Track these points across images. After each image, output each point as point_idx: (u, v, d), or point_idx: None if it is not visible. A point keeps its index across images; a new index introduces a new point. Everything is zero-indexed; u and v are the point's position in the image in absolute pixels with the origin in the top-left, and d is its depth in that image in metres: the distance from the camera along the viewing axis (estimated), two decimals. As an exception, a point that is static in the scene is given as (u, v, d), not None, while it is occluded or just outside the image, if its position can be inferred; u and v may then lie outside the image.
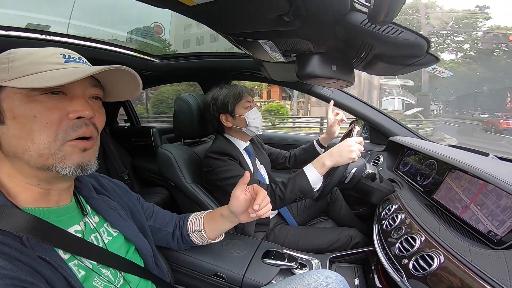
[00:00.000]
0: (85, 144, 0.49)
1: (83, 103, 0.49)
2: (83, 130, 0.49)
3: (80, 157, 0.49)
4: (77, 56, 0.52)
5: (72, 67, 0.49)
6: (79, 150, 0.49)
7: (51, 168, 0.46)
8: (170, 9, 0.65)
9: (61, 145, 0.47)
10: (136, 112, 2.59)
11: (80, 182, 0.62)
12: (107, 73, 0.50)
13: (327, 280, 0.73)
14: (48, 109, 0.46)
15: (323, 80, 0.91)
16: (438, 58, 0.73)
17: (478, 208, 0.75)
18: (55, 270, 0.43)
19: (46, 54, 0.48)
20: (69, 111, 0.47)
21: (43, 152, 0.46)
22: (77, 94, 0.49)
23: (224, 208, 0.81)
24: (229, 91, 1.19)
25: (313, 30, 0.70)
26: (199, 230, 0.83)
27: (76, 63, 0.50)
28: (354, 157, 0.98)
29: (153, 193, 2.06)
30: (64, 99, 0.48)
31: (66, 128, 0.47)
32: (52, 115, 0.46)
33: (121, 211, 0.66)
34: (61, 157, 0.47)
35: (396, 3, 0.45)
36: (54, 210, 0.52)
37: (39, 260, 0.42)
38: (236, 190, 0.75)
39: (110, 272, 0.55)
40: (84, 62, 0.52)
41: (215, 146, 1.19)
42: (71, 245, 0.49)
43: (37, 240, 0.44)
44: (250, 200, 0.74)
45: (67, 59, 0.49)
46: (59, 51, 0.50)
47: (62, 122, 0.47)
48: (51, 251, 0.46)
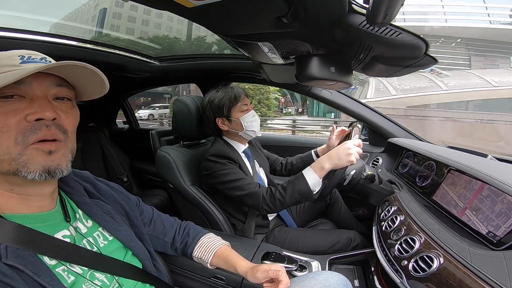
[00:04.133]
0: (49, 146, 0.46)
1: (42, 105, 0.46)
2: (44, 132, 0.46)
3: (45, 160, 0.46)
4: (40, 56, 0.50)
5: (24, 68, 0.46)
6: (44, 153, 0.46)
7: (16, 173, 0.45)
8: (169, 11, 0.65)
9: (22, 149, 0.44)
10: (135, 114, 2.59)
11: (71, 187, 0.60)
12: (71, 71, 0.48)
13: (330, 281, 0.72)
14: (3, 113, 0.44)
15: (322, 81, 0.91)
16: (437, 59, 0.74)
17: (476, 208, 0.75)
18: (30, 278, 0.42)
19: (2, 57, 0.47)
20: (27, 114, 0.45)
21: (4, 158, 0.44)
22: (37, 96, 0.47)
23: (242, 266, 0.75)
24: (225, 94, 1.17)
25: (312, 32, 0.70)
26: (205, 261, 0.81)
27: (35, 64, 0.47)
28: (353, 159, 0.97)
29: (152, 195, 2.05)
30: (21, 102, 0.45)
31: (24, 131, 0.44)
32: (7, 119, 0.44)
33: (115, 215, 0.65)
34: (23, 161, 0.45)
35: (395, 5, 0.45)
36: (38, 216, 0.50)
37: (9, 271, 0.40)
38: (260, 275, 0.70)
39: (105, 276, 0.54)
40: (47, 62, 0.49)
41: (215, 149, 1.18)
42: (56, 251, 0.47)
43: (18, 247, 0.43)
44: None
45: (24, 60, 0.47)
46: (18, 52, 0.48)
47: (19, 125, 0.44)
48: (32, 257, 0.44)
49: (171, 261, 0.92)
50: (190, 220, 0.92)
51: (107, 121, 2.53)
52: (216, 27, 0.78)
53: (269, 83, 1.62)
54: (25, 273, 0.42)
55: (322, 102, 1.59)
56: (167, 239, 0.82)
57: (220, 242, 0.83)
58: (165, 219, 0.85)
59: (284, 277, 0.69)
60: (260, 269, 0.70)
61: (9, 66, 0.46)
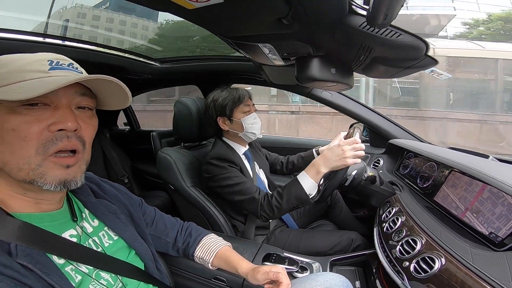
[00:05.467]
0: (68, 161, 0.47)
1: (66, 114, 0.46)
2: (64, 143, 0.46)
3: (63, 173, 0.46)
4: (68, 62, 0.50)
5: (55, 76, 0.46)
6: (62, 167, 0.46)
7: (32, 182, 0.45)
8: (170, 12, 0.65)
9: (42, 160, 0.44)
10: (136, 116, 2.59)
11: (78, 187, 0.61)
12: (96, 82, 0.48)
13: (332, 282, 0.72)
14: (27, 122, 0.43)
15: (323, 83, 0.91)
16: (437, 60, 0.74)
17: (478, 209, 0.75)
18: (39, 277, 0.42)
19: (31, 60, 0.46)
20: (50, 124, 0.45)
21: (23, 167, 0.44)
22: (62, 104, 0.46)
23: (242, 267, 0.75)
24: (229, 94, 1.18)
25: (312, 33, 0.70)
26: (206, 261, 0.81)
27: (63, 71, 0.48)
28: (347, 161, 0.95)
29: (153, 196, 2.05)
30: (46, 111, 0.45)
31: (45, 142, 0.44)
32: (30, 128, 0.43)
33: (120, 215, 0.65)
34: (41, 173, 0.44)
35: (395, 6, 0.46)
36: (47, 215, 0.50)
37: (23, 270, 0.41)
38: (261, 277, 0.70)
39: (110, 275, 0.55)
40: (73, 69, 0.50)
41: (215, 152, 1.18)
42: (64, 250, 0.48)
43: (27, 246, 0.43)
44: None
45: (53, 66, 0.47)
46: (47, 57, 0.47)
47: (41, 136, 0.44)
48: (41, 257, 0.44)
49: (172, 262, 0.92)
50: (191, 221, 0.91)
51: (108, 123, 2.54)
52: (217, 29, 0.78)
53: (270, 84, 1.63)
54: (34, 272, 0.42)
55: (323, 103, 1.59)
56: (169, 239, 0.82)
57: (221, 242, 0.83)
58: (167, 220, 0.85)
59: (285, 279, 0.68)
60: (261, 270, 0.70)
61: (39, 72, 0.45)
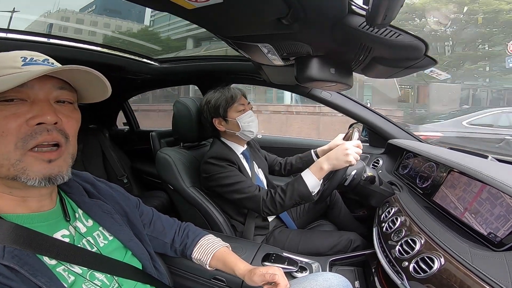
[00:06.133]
0: (50, 156, 0.46)
1: (44, 108, 0.45)
2: (44, 136, 0.45)
3: (45, 168, 0.45)
4: (43, 58, 0.49)
5: (27, 70, 0.45)
6: (43, 161, 0.45)
7: (15, 178, 0.44)
8: (170, 12, 0.65)
9: (21, 155, 0.43)
10: (135, 116, 2.59)
11: (70, 187, 0.60)
12: (75, 75, 0.47)
13: (331, 282, 0.72)
14: (4, 117, 0.43)
15: (322, 83, 0.91)
16: (436, 60, 0.74)
17: (477, 209, 0.75)
18: (26, 279, 0.41)
19: (4, 58, 0.46)
20: (28, 118, 0.44)
21: (3, 163, 0.43)
22: (39, 98, 0.46)
23: (240, 268, 0.75)
24: (221, 95, 1.17)
25: (312, 33, 0.70)
26: (204, 263, 0.80)
27: (37, 66, 0.47)
28: (351, 160, 0.98)
29: (153, 196, 2.05)
30: (23, 105, 0.44)
31: (24, 136, 0.43)
32: (7, 124, 0.43)
33: (115, 215, 0.65)
34: (22, 168, 0.44)
35: (394, 6, 0.46)
36: (37, 216, 0.49)
37: (8, 272, 0.40)
38: (257, 279, 0.70)
39: (105, 276, 0.54)
40: (48, 64, 0.49)
41: (213, 152, 1.17)
42: (54, 251, 0.47)
43: (16, 248, 0.42)
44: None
45: (27, 62, 0.46)
46: (20, 54, 0.47)
47: (20, 130, 0.43)
48: (30, 258, 0.44)
49: (171, 262, 0.92)
50: (190, 221, 0.91)
51: (107, 123, 2.53)
52: (216, 29, 0.78)
53: (269, 84, 1.62)
54: (21, 273, 0.41)
55: (322, 103, 1.59)
56: (166, 240, 0.81)
57: (219, 243, 0.83)
58: (165, 220, 0.85)
59: (282, 280, 0.68)
60: (257, 272, 0.70)
61: (12, 68, 0.45)
